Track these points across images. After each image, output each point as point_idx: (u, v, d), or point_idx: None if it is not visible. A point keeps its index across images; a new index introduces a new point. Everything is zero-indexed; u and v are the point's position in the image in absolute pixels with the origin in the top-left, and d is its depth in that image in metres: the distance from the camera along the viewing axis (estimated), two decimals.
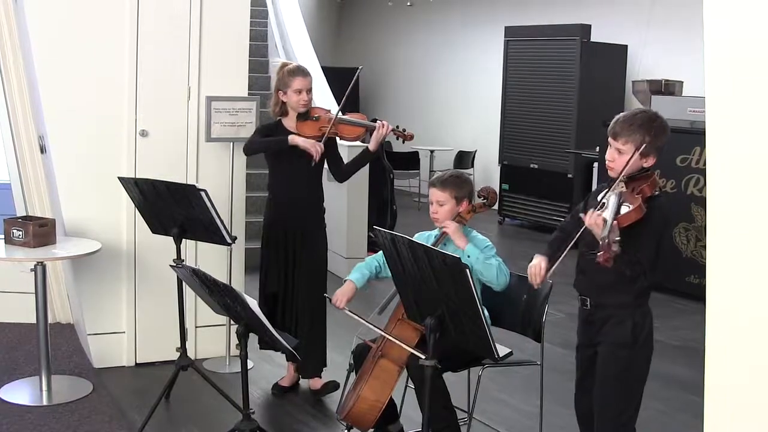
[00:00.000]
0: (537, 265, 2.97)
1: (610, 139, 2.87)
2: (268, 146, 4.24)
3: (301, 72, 4.19)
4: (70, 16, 4.32)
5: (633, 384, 2.91)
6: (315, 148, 4.07)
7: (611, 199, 2.74)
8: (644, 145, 2.76)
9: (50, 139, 4.39)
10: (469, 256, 3.29)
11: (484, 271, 3.30)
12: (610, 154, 2.86)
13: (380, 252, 3.31)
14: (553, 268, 2.91)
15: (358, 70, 4.47)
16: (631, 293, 2.85)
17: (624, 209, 2.71)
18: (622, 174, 2.78)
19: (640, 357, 2.89)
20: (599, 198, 2.85)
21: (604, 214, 2.69)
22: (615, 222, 2.64)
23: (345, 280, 3.55)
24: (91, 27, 4.35)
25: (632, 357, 2.87)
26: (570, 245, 2.84)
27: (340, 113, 4.21)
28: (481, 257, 3.31)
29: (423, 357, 2.82)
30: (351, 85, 4.29)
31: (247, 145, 4.30)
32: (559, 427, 3.91)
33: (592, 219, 2.68)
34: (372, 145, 4.17)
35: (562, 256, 2.87)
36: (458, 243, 3.37)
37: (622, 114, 2.89)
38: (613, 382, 2.89)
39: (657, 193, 2.85)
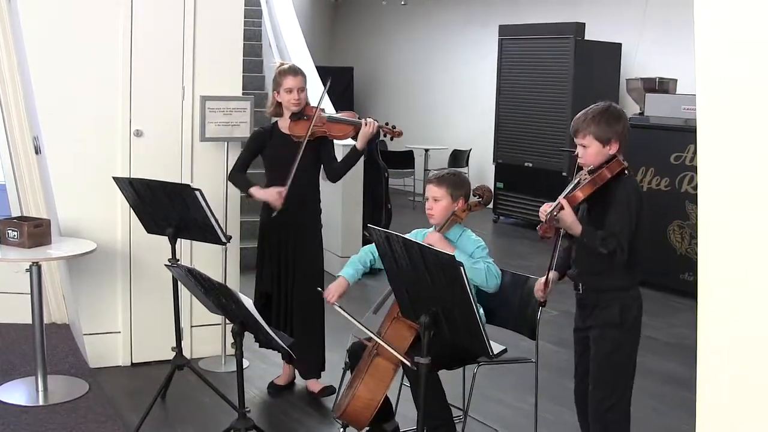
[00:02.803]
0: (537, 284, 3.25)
1: (574, 138, 3.09)
2: (238, 186, 4.36)
3: (292, 71, 4.18)
4: (64, 16, 4.31)
5: (622, 364, 3.04)
6: (274, 197, 4.07)
7: (570, 185, 3.02)
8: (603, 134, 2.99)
9: (45, 140, 4.39)
10: None
11: (473, 276, 3.24)
12: (578, 151, 3.07)
13: (374, 243, 3.31)
14: (549, 276, 3.16)
15: (329, 82, 4.37)
16: (618, 277, 3.00)
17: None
18: (585, 165, 3.04)
19: (629, 338, 3.04)
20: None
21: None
22: (564, 200, 2.92)
23: (338, 276, 3.56)
24: (85, 27, 4.35)
25: (621, 337, 3.02)
26: (555, 253, 3.11)
27: (324, 111, 4.18)
28: (468, 262, 3.27)
29: (409, 364, 3.01)
30: (328, 85, 4.31)
31: (231, 172, 4.35)
32: (553, 423, 3.93)
33: (542, 208, 2.97)
34: (359, 143, 4.13)
35: (552, 265, 3.13)
36: None
37: (579, 113, 3.10)
38: (604, 361, 3.02)
39: (625, 174, 3.02)
